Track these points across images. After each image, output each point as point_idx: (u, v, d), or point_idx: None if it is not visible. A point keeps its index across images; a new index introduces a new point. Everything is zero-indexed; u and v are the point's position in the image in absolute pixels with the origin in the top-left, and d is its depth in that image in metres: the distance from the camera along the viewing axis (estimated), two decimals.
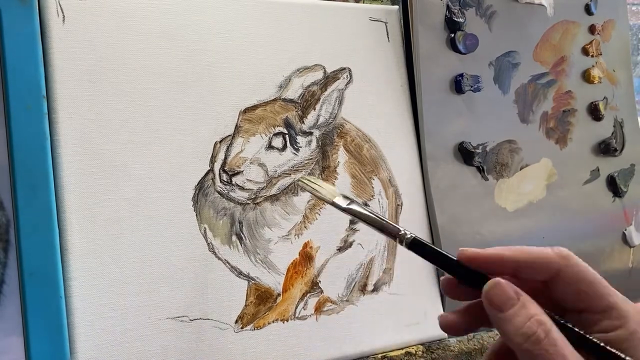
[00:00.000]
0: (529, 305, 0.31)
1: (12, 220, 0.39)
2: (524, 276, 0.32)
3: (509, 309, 0.31)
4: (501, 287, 0.31)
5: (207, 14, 0.47)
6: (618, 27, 0.69)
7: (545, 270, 0.32)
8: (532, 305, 0.31)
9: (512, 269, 0.32)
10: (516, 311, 0.31)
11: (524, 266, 0.32)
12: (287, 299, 0.47)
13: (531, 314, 0.30)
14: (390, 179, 0.54)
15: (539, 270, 0.32)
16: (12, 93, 0.39)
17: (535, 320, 0.30)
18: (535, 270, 0.32)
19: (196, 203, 0.45)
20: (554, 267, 0.32)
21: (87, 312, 0.40)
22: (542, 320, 0.30)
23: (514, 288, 0.31)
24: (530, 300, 0.31)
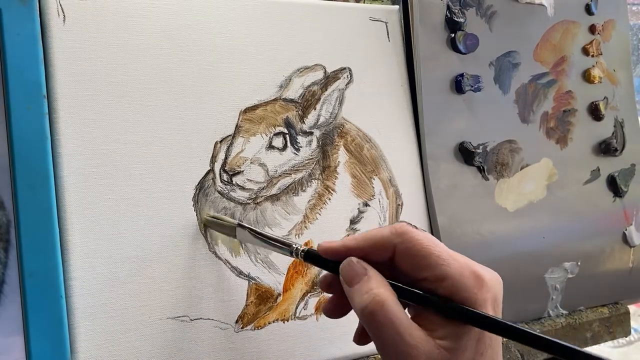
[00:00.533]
0: (372, 280, 0.35)
1: (12, 220, 0.39)
2: (372, 258, 0.36)
3: (356, 283, 0.35)
4: (351, 264, 0.36)
5: (208, 14, 0.47)
6: (618, 27, 0.69)
7: (385, 250, 0.36)
8: (375, 279, 0.35)
9: (361, 255, 0.36)
10: (360, 285, 0.35)
11: (367, 251, 0.36)
12: (288, 298, 0.47)
13: (370, 287, 0.35)
14: (391, 178, 0.54)
15: (380, 251, 0.36)
16: (12, 93, 0.39)
17: (372, 293, 0.34)
18: (377, 252, 0.36)
19: (196, 203, 0.45)
20: (391, 245, 0.36)
21: (87, 312, 0.40)
22: (378, 293, 0.34)
23: (363, 265, 0.36)
24: (375, 275, 0.35)
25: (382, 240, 0.36)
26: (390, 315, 0.34)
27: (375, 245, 0.36)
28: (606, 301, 0.65)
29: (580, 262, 0.63)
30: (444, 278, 0.34)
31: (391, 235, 0.36)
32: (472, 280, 0.34)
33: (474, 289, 0.34)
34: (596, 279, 0.64)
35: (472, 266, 0.35)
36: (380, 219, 0.52)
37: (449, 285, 0.34)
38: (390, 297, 0.34)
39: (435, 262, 0.34)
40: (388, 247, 0.36)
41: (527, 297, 0.59)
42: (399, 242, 0.35)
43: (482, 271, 0.35)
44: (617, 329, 0.65)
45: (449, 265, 0.34)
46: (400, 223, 0.37)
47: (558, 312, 0.61)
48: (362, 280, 0.35)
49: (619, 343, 1.79)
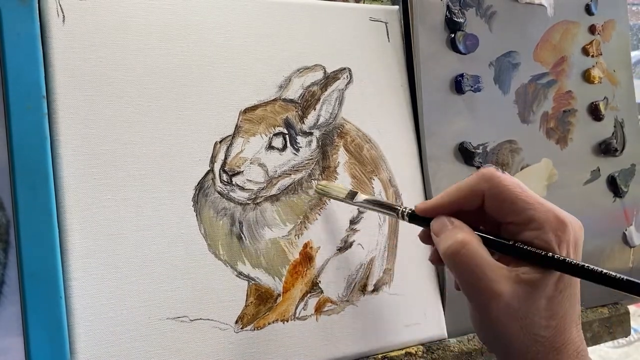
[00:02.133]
0: (457, 229, 0.38)
1: (12, 221, 0.39)
2: (464, 208, 0.39)
3: (443, 232, 0.39)
4: (440, 219, 0.39)
5: (207, 14, 0.47)
6: (618, 27, 0.69)
7: (475, 197, 0.39)
8: (459, 227, 0.38)
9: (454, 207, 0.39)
10: (446, 234, 0.38)
11: (459, 202, 0.39)
12: (287, 299, 0.47)
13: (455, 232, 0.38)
14: (391, 179, 0.54)
15: (471, 199, 0.39)
16: (12, 93, 0.39)
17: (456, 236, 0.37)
18: (468, 201, 0.39)
19: (196, 203, 0.45)
20: (480, 192, 0.38)
21: (87, 312, 0.40)
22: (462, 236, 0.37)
23: (450, 219, 0.39)
24: (460, 224, 0.38)
25: (471, 188, 0.38)
26: (472, 253, 0.36)
27: (465, 195, 0.39)
28: (606, 301, 0.65)
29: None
30: (529, 221, 0.37)
31: (479, 181, 0.38)
32: (556, 223, 0.36)
33: (557, 232, 0.36)
34: None
35: (557, 211, 0.37)
36: (380, 219, 0.52)
37: (534, 227, 0.36)
38: (473, 239, 0.37)
39: (521, 207, 0.37)
40: (477, 194, 0.38)
41: None
42: (487, 188, 0.38)
43: (566, 216, 0.37)
44: (617, 329, 0.65)
45: (535, 209, 0.36)
46: (487, 167, 0.39)
47: None
48: (448, 229, 0.38)
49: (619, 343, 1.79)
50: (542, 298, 0.36)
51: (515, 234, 0.37)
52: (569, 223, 0.37)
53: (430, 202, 0.41)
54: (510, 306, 0.36)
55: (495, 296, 0.36)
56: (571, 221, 0.37)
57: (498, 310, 0.36)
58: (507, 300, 0.36)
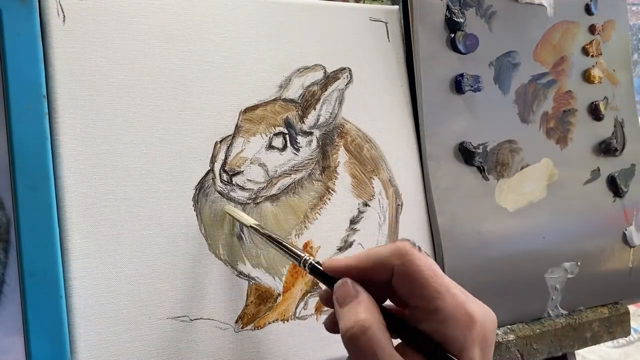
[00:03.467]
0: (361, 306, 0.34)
1: (12, 220, 0.39)
2: (373, 278, 0.36)
3: (345, 305, 0.35)
4: (345, 285, 0.36)
5: (207, 14, 0.47)
6: (618, 27, 0.69)
7: (385, 270, 0.35)
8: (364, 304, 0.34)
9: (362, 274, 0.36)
10: (348, 308, 0.34)
11: (369, 270, 0.36)
12: (288, 299, 0.47)
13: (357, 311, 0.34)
14: (391, 179, 0.54)
15: (380, 271, 0.35)
16: (12, 93, 0.39)
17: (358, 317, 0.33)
18: (377, 271, 0.35)
19: (196, 203, 0.45)
20: (390, 267, 0.35)
21: (87, 312, 0.40)
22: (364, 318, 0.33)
23: (357, 288, 0.35)
24: (365, 300, 0.35)
25: (382, 260, 0.35)
26: (372, 343, 0.33)
27: (375, 265, 0.36)
28: (606, 301, 0.65)
29: (580, 262, 0.63)
30: (435, 311, 0.34)
31: (391, 255, 0.35)
32: (464, 319, 0.33)
33: (465, 329, 0.33)
34: (596, 279, 0.64)
35: (467, 305, 0.34)
36: (380, 219, 0.52)
37: (440, 319, 0.33)
38: (376, 323, 0.33)
39: (430, 294, 0.34)
40: (388, 268, 0.35)
41: (527, 297, 0.59)
42: (398, 265, 0.35)
43: (476, 311, 0.34)
44: (617, 329, 0.65)
45: (444, 300, 0.34)
46: (402, 242, 0.35)
47: (558, 312, 0.61)
48: (352, 302, 0.35)
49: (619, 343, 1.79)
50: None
51: (419, 320, 0.34)
52: (477, 320, 0.34)
53: (339, 262, 0.37)
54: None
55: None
56: (483, 318, 0.34)
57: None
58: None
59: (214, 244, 0.45)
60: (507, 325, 0.57)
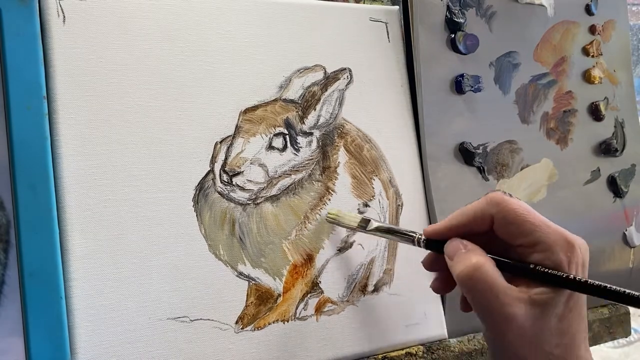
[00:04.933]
0: (470, 253, 0.39)
1: (12, 221, 0.39)
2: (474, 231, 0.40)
3: (456, 257, 0.39)
4: (453, 242, 0.40)
5: (207, 15, 0.47)
6: (618, 27, 0.69)
7: (484, 221, 0.39)
8: (472, 251, 0.39)
9: (463, 230, 0.40)
10: (460, 257, 0.39)
11: (468, 225, 0.40)
12: (288, 299, 0.47)
13: (468, 256, 0.38)
14: (391, 179, 0.54)
15: (479, 223, 0.40)
16: (12, 93, 0.39)
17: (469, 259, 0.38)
18: (476, 224, 0.40)
19: (197, 203, 0.45)
20: (488, 216, 0.39)
21: (87, 313, 0.40)
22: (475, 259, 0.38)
23: (463, 242, 0.40)
24: (473, 248, 0.39)
25: (480, 212, 0.39)
26: (486, 277, 0.37)
27: (474, 219, 0.40)
28: (606, 301, 0.65)
29: None
30: (538, 243, 0.38)
31: (487, 206, 0.39)
32: (564, 245, 0.37)
33: (567, 253, 0.37)
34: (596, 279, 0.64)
35: (565, 233, 0.38)
36: (380, 219, 0.52)
37: (543, 249, 0.37)
38: (487, 262, 0.38)
39: (529, 229, 0.38)
40: (486, 218, 0.39)
41: None
42: (495, 212, 0.39)
43: (574, 238, 0.38)
44: (617, 329, 0.65)
45: (543, 231, 0.38)
46: (495, 192, 0.41)
47: None
48: (461, 252, 0.39)
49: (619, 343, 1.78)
50: (553, 317, 0.37)
51: (525, 256, 0.38)
52: (576, 244, 0.38)
53: (438, 225, 0.42)
54: (523, 328, 0.36)
55: (509, 319, 0.37)
56: (579, 242, 0.38)
57: (512, 332, 0.37)
58: (521, 322, 0.36)
59: (214, 245, 0.45)
60: None
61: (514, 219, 0.38)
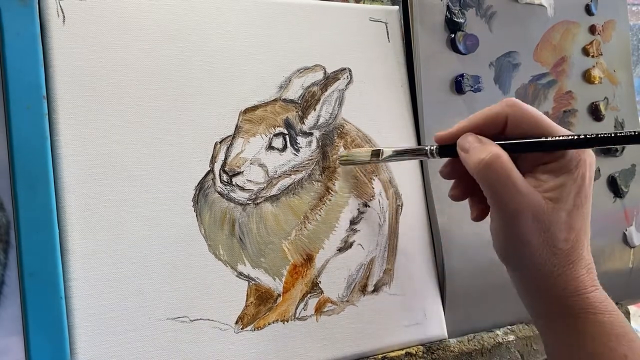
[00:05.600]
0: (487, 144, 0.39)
1: (12, 221, 0.39)
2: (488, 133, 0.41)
3: (472, 149, 0.40)
4: (467, 136, 0.41)
5: (208, 15, 0.47)
6: (618, 27, 0.69)
7: (497, 122, 0.41)
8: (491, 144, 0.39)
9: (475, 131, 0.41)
10: (477, 148, 0.40)
11: (481, 126, 0.41)
12: (288, 299, 0.47)
13: (486, 146, 0.39)
14: (391, 179, 0.54)
15: (493, 124, 0.41)
16: (12, 93, 0.39)
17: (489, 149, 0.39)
18: (489, 125, 0.41)
19: (196, 204, 0.45)
20: (503, 116, 0.40)
21: (87, 313, 0.40)
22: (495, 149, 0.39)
23: (477, 136, 0.40)
24: (490, 142, 0.40)
25: (495, 113, 0.41)
26: (505, 165, 0.38)
27: (487, 119, 0.41)
28: None
29: None
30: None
31: (504, 107, 0.40)
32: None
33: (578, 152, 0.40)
34: None
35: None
36: (380, 219, 0.52)
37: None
38: (504, 153, 0.39)
39: (543, 130, 0.40)
40: (500, 119, 0.40)
41: None
42: (512, 112, 0.40)
43: None
44: None
45: (554, 131, 0.40)
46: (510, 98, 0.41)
47: None
48: (477, 145, 0.40)
49: None
50: (563, 211, 0.39)
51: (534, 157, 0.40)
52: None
53: (450, 129, 0.42)
54: (536, 218, 0.38)
55: (524, 208, 0.38)
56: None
57: (525, 221, 0.38)
58: (534, 212, 0.38)
59: (213, 245, 0.45)
60: (507, 326, 0.57)
61: (530, 118, 0.40)
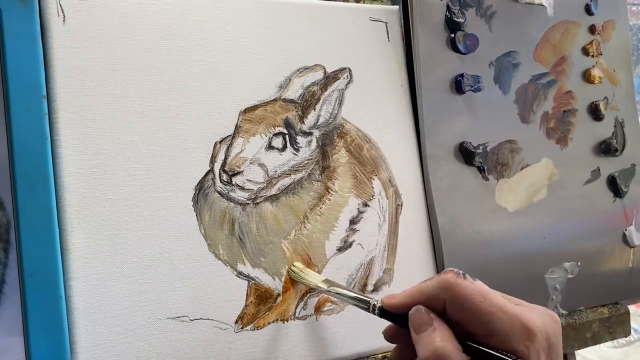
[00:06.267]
0: (437, 333, 0.35)
1: (12, 221, 0.39)
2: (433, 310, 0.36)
3: (422, 332, 0.35)
4: (419, 312, 0.36)
5: (207, 14, 0.47)
6: (618, 27, 0.69)
7: (437, 303, 0.36)
8: (439, 331, 0.35)
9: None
10: (425, 335, 0.35)
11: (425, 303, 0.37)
12: (287, 299, 0.47)
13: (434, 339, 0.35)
14: (391, 179, 0.54)
15: (434, 305, 0.36)
16: (12, 93, 0.39)
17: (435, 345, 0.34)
18: (431, 305, 0.36)
19: (196, 203, 0.45)
20: (441, 301, 0.36)
21: (87, 312, 0.40)
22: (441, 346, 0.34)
23: (430, 315, 0.36)
24: (440, 327, 0.35)
25: (432, 295, 0.36)
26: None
27: (428, 299, 0.37)
28: (606, 301, 0.65)
29: (580, 262, 0.63)
30: (494, 333, 0.34)
31: (439, 290, 0.36)
32: (523, 333, 0.34)
33: (525, 341, 0.34)
34: (596, 279, 0.64)
35: (523, 317, 0.35)
36: (380, 219, 0.52)
37: (500, 340, 0.34)
38: (454, 351, 0.34)
39: (484, 319, 0.35)
40: (438, 302, 0.36)
41: (527, 297, 0.58)
42: (447, 297, 0.36)
43: (533, 321, 0.35)
44: (617, 329, 0.65)
45: (499, 320, 0.34)
46: (446, 274, 0.36)
47: (558, 313, 0.61)
48: (427, 330, 0.35)
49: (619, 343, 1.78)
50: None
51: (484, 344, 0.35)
52: (536, 329, 0.34)
53: (396, 299, 0.38)
54: None
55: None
56: (540, 325, 0.35)
57: None
58: None
59: (213, 244, 0.45)
60: None
61: (467, 306, 0.35)
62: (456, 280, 0.35)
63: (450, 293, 0.35)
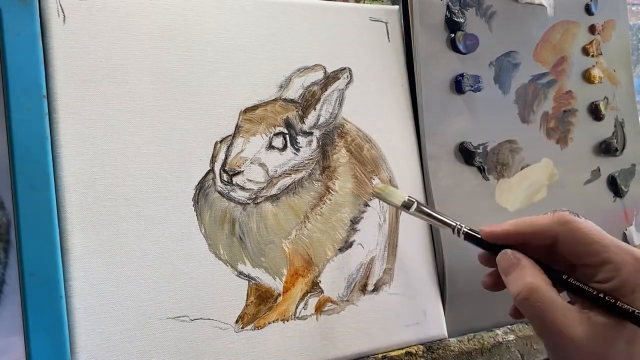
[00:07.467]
0: (525, 271, 0.38)
1: (12, 220, 0.39)
2: (531, 243, 0.39)
3: (511, 273, 0.39)
4: (505, 255, 0.39)
5: (208, 14, 0.47)
6: (618, 27, 0.69)
7: (546, 237, 0.39)
8: (528, 269, 0.38)
9: (521, 240, 0.40)
10: (514, 275, 0.38)
11: (527, 237, 0.39)
12: (288, 299, 0.47)
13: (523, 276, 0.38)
14: (391, 179, 0.54)
15: (541, 238, 0.39)
16: (12, 93, 0.39)
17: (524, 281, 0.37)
18: (537, 238, 0.39)
19: (196, 203, 0.45)
20: (552, 233, 0.38)
21: (87, 312, 0.40)
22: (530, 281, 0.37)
23: (517, 256, 0.39)
24: (528, 265, 0.38)
25: (544, 228, 0.39)
26: (542, 299, 0.36)
27: (535, 232, 0.39)
28: None
29: None
30: (606, 263, 0.36)
31: (554, 224, 0.38)
32: (634, 264, 0.36)
33: (636, 272, 0.36)
34: None
35: (635, 252, 0.36)
36: (380, 219, 0.52)
37: (612, 269, 0.36)
38: (542, 284, 0.37)
39: (598, 249, 0.37)
40: (549, 235, 0.38)
41: None
42: (562, 231, 0.38)
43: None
44: None
45: (612, 251, 0.36)
46: (562, 212, 0.39)
47: None
48: (515, 270, 0.38)
49: None
50: (621, 340, 0.35)
51: (591, 275, 0.37)
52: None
53: (497, 229, 0.41)
54: (586, 351, 0.35)
55: (568, 340, 0.35)
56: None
57: (574, 355, 0.35)
58: (582, 344, 0.35)
59: (213, 244, 0.45)
60: (507, 326, 0.57)
61: (582, 239, 0.37)
62: (573, 217, 0.38)
63: (568, 226, 0.38)
